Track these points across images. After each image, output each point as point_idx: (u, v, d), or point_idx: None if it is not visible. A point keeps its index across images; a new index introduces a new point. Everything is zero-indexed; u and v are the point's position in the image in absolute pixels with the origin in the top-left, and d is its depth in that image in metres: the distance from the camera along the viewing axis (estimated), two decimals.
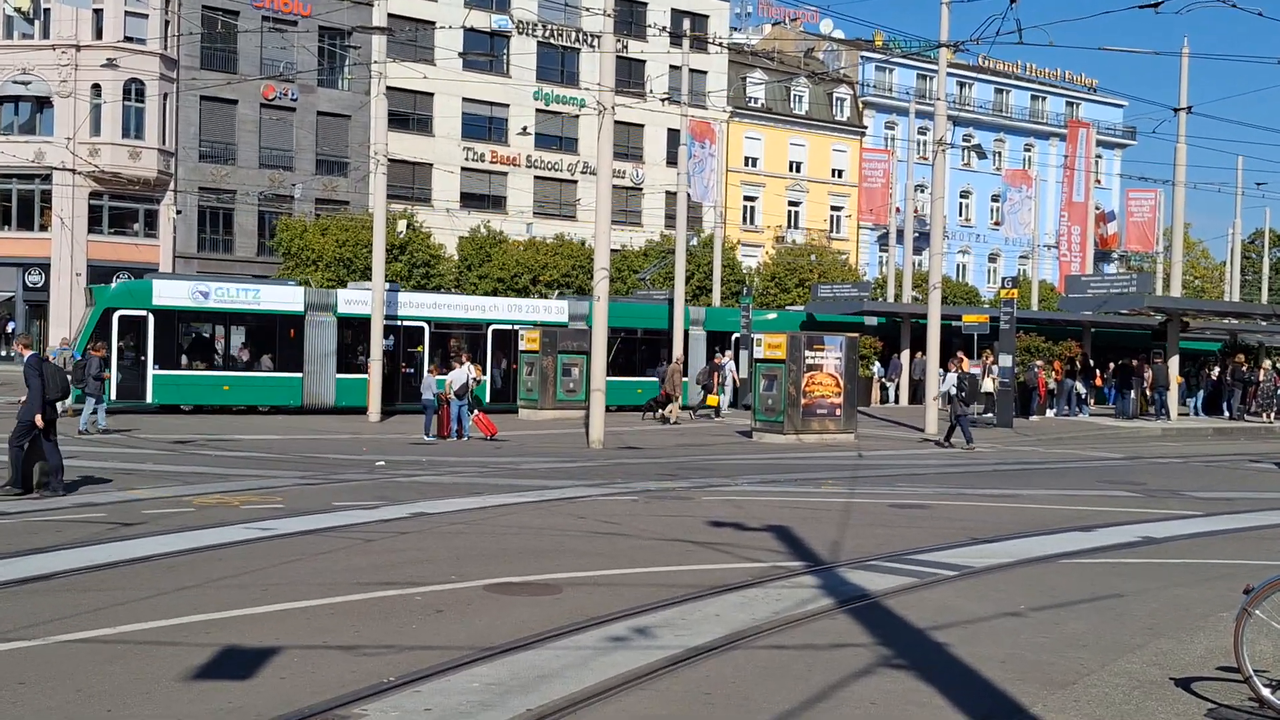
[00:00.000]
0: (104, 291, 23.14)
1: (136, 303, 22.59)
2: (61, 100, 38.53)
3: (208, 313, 23.50)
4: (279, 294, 24.12)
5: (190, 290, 23.37)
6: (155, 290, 22.93)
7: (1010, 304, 23.64)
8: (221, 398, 23.16)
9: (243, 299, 23.50)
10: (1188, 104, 25.86)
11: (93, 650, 5.75)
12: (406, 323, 25.07)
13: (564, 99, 46.65)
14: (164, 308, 22.81)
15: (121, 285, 23.62)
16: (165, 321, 22.77)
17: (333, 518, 10.09)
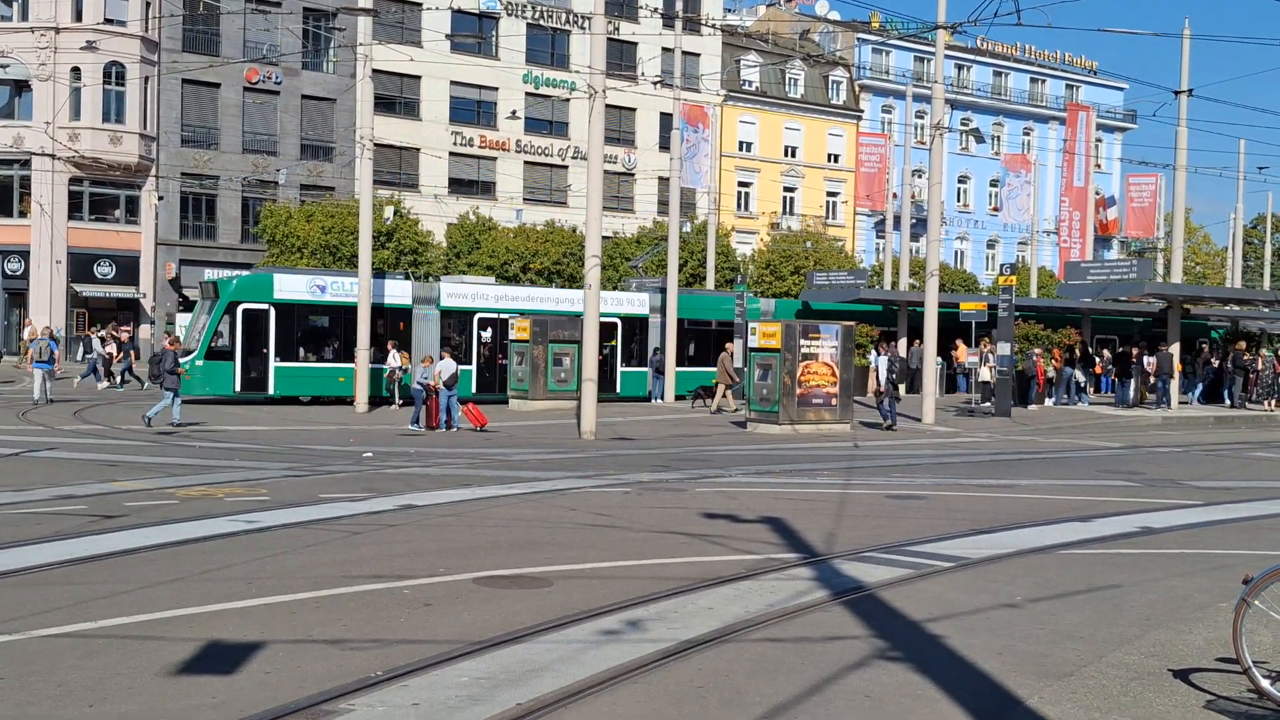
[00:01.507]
0: (227, 285, 23.44)
1: (259, 296, 23.12)
2: (40, 84, 38.11)
3: (324, 306, 23.91)
4: (389, 287, 24.71)
5: (308, 284, 23.97)
6: (276, 284, 23.46)
7: (1009, 291, 23.55)
8: (338, 389, 23.52)
9: (356, 292, 23.57)
10: (1189, 86, 25.76)
11: (74, 645, 5.65)
12: (501, 315, 25.76)
13: (554, 82, 46.36)
14: (284, 301, 23.46)
15: (243, 279, 24.05)
16: (285, 315, 23.37)
17: (319, 510, 9.97)
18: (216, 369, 22.58)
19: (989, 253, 57.83)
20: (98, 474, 12.01)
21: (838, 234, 52.35)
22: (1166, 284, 29.81)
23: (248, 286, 23.25)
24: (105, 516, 9.36)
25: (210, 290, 23.82)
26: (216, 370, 22.60)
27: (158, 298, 40.77)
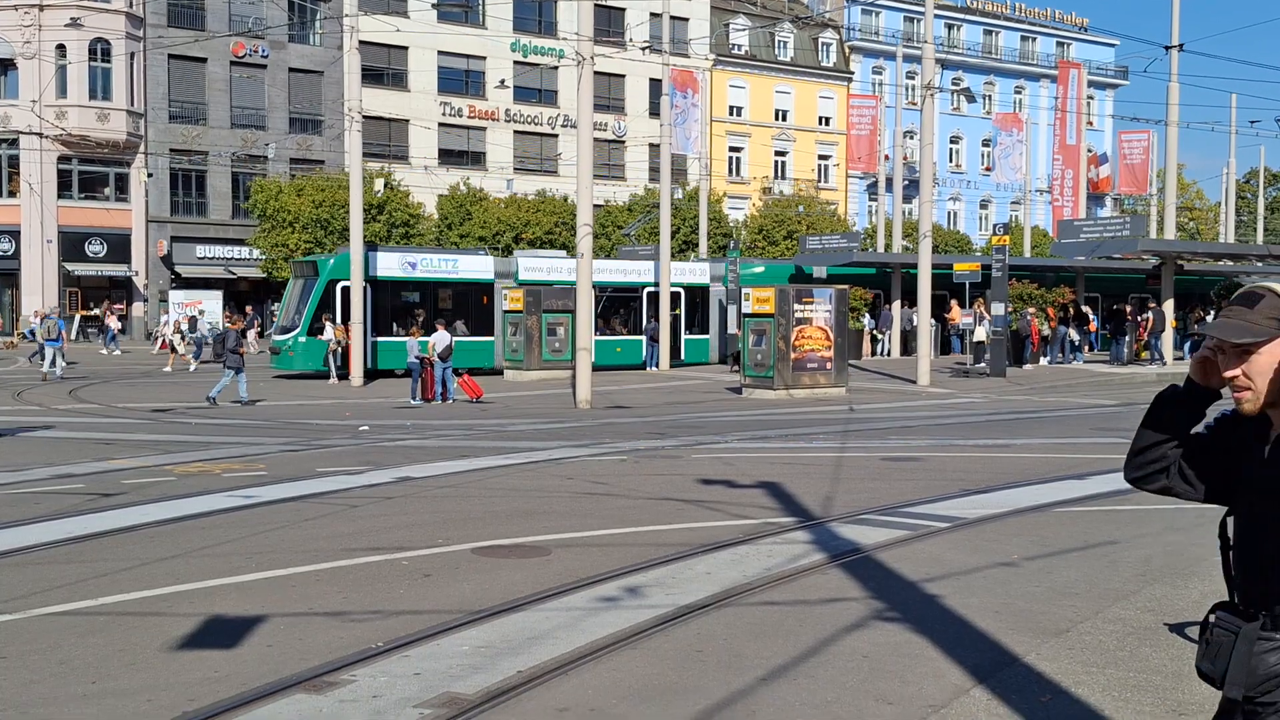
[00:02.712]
0: (325, 264, 24.06)
1: None
2: (25, 62, 37.65)
3: (415, 282, 24.74)
4: (474, 263, 25.79)
5: (401, 260, 24.83)
6: (372, 261, 23.98)
7: (1002, 251, 23.50)
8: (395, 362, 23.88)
9: (444, 268, 25.04)
10: (1180, 42, 25.57)
11: (74, 622, 5.67)
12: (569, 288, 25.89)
13: (542, 50, 45.89)
14: (380, 278, 24.17)
15: (340, 257, 24.31)
16: (380, 291, 24.08)
17: (317, 484, 9.98)
18: (317, 345, 23.17)
19: (982, 213, 57.68)
20: (95, 452, 12.00)
21: (830, 197, 52.15)
22: (1159, 240, 29.78)
23: (344, 264, 23.53)
24: (103, 494, 9.37)
25: (308, 269, 24.56)
26: (317, 346, 23.16)
27: (150, 275, 40.58)
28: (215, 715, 4.40)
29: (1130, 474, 2.41)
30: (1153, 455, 2.35)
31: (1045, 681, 4.79)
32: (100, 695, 4.65)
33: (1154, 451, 2.35)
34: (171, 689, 4.69)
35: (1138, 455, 2.38)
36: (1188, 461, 2.34)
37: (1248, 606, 2.21)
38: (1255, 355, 2.17)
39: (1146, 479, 2.38)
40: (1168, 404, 2.34)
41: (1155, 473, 2.36)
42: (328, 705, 4.51)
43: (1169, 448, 2.33)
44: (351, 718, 4.38)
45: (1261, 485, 2.21)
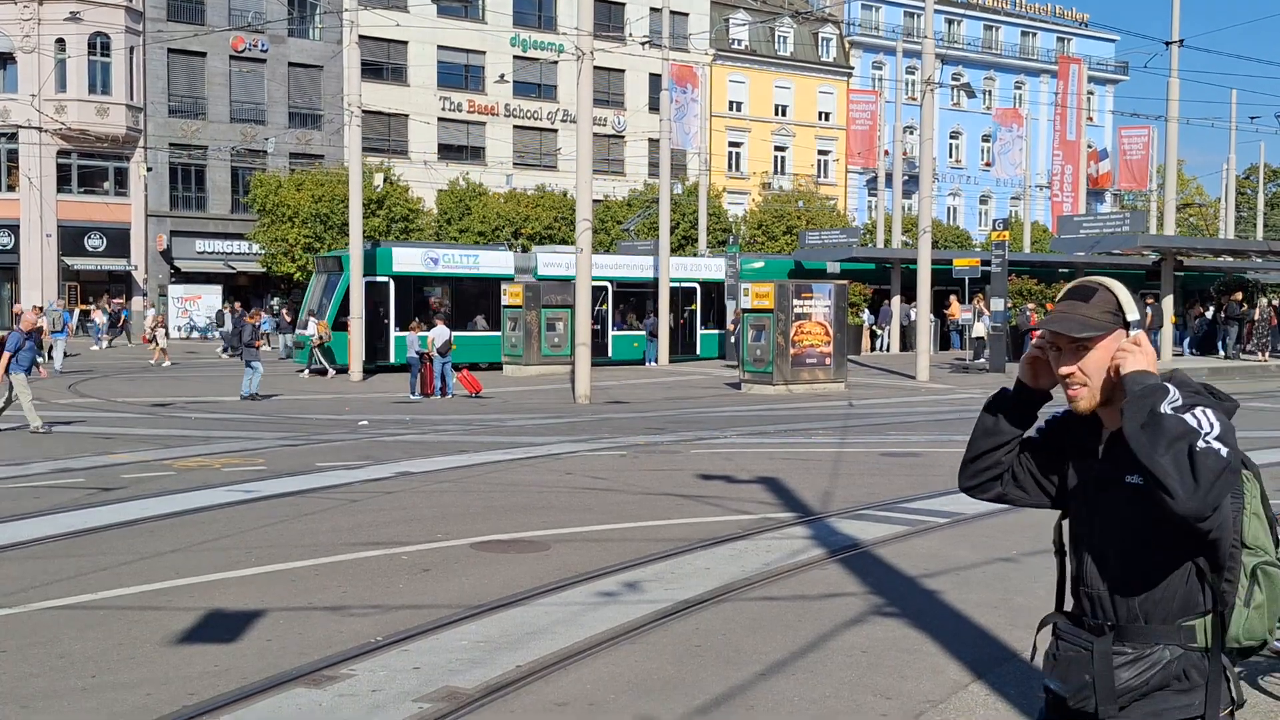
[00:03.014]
0: (349, 260, 23.93)
1: (379, 269, 23.92)
2: (25, 56, 37.59)
3: (436, 277, 24.93)
4: (494, 258, 25.93)
5: (422, 256, 25.01)
6: (395, 257, 24.36)
7: (1002, 246, 23.49)
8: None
9: (465, 264, 25.22)
10: (1180, 37, 25.54)
11: (74, 616, 5.68)
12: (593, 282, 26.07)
13: (542, 45, 45.82)
14: (402, 273, 24.38)
15: (364, 253, 24.58)
16: (403, 286, 24.24)
17: (316, 478, 9.99)
18: (342, 340, 23.27)
19: (982, 208, 57.64)
20: (94, 447, 12.00)
21: (830, 193, 52.11)
22: (1159, 236, 29.76)
23: (369, 260, 23.85)
24: (103, 489, 9.37)
25: (332, 264, 24.75)
26: (342, 341, 23.27)
27: (149, 269, 40.55)
28: (215, 709, 4.41)
29: (964, 483, 2.33)
30: (987, 462, 2.27)
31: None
32: (99, 689, 4.66)
33: (988, 459, 2.26)
34: (171, 683, 4.70)
35: (972, 463, 2.30)
36: (1022, 466, 2.27)
37: (1091, 616, 2.16)
38: (1090, 352, 2.11)
39: (981, 487, 2.30)
40: (999, 409, 2.25)
41: (990, 480, 2.28)
42: (327, 699, 4.52)
43: (1003, 454, 2.26)
44: (350, 712, 4.39)
45: (1095, 487, 2.15)
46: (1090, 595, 2.16)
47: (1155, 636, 2.08)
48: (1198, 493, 1.88)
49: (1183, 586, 2.08)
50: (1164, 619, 2.08)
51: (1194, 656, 2.07)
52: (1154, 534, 2.07)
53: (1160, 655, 2.07)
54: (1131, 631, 2.10)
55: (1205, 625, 2.08)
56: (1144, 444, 1.94)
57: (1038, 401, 2.26)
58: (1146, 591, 2.09)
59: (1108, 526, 2.13)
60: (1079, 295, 2.16)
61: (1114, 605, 2.12)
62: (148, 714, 4.36)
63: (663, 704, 4.50)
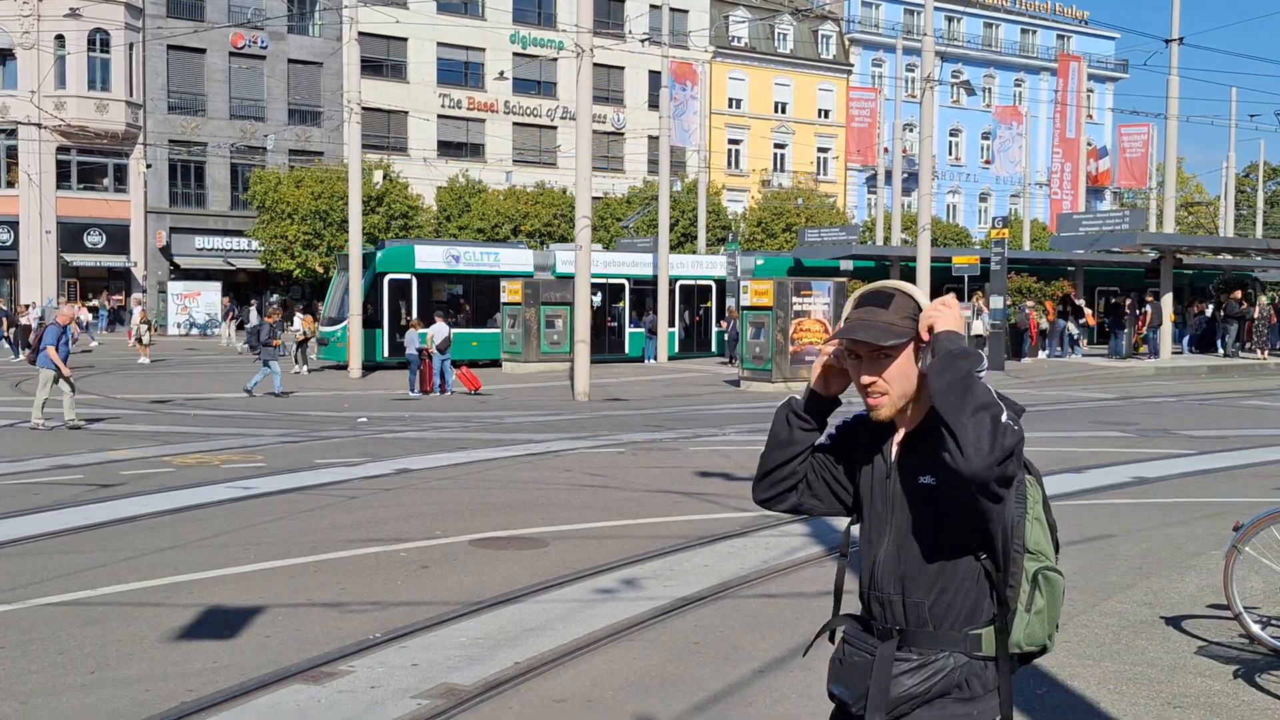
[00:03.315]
0: (372, 256, 24.42)
1: (402, 267, 24.36)
2: (24, 52, 37.56)
3: (458, 275, 25.28)
4: (514, 256, 26.35)
5: (444, 254, 25.41)
6: (417, 255, 24.73)
7: (1001, 244, 23.48)
8: (470, 353, 24.49)
9: (486, 261, 25.61)
10: (1179, 35, 25.55)
11: (73, 613, 5.68)
12: (611, 280, 27.10)
13: (541, 42, 45.78)
14: (425, 271, 24.75)
15: (388, 251, 24.89)
16: (425, 283, 24.68)
17: (315, 475, 9.99)
18: (365, 336, 23.49)
19: (981, 206, 57.62)
20: (94, 443, 12.00)
21: (829, 190, 52.09)
22: (1159, 234, 29.76)
23: (392, 258, 24.23)
24: (102, 485, 9.37)
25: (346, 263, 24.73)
26: (365, 338, 23.50)
27: (149, 266, 40.53)
28: (213, 705, 4.41)
29: (759, 495, 2.29)
30: (782, 474, 2.23)
31: (1040, 674, 4.80)
32: (98, 685, 4.66)
33: (783, 470, 2.23)
34: (170, 679, 4.71)
35: (766, 476, 2.25)
36: (816, 475, 2.24)
37: (881, 621, 2.13)
38: (892, 360, 2.07)
39: (776, 499, 2.27)
40: (791, 417, 2.21)
41: (785, 491, 2.25)
42: (326, 696, 4.52)
43: (797, 464, 2.22)
44: (349, 708, 4.39)
45: (888, 491, 2.13)
46: (880, 600, 2.13)
47: (942, 643, 2.07)
48: (990, 456, 1.87)
49: (971, 592, 2.06)
50: (951, 625, 2.07)
51: (977, 666, 2.06)
52: (943, 537, 2.06)
53: (945, 662, 2.06)
54: (919, 637, 2.08)
55: (991, 634, 2.07)
56: (951, 402, 1.92)
57: (829, 408, 2.21)
58: (935, 597, 2.07)
59: (899, 530, 2.11)
60: (877, 301, 2.11)
61: (904, 610, 2.09)
62: (146, 710, 4.36)
63: (661, 701, 4.51)
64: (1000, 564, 2.06)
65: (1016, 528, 2.05)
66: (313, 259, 37.32)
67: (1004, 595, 2.06)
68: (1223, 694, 4.56)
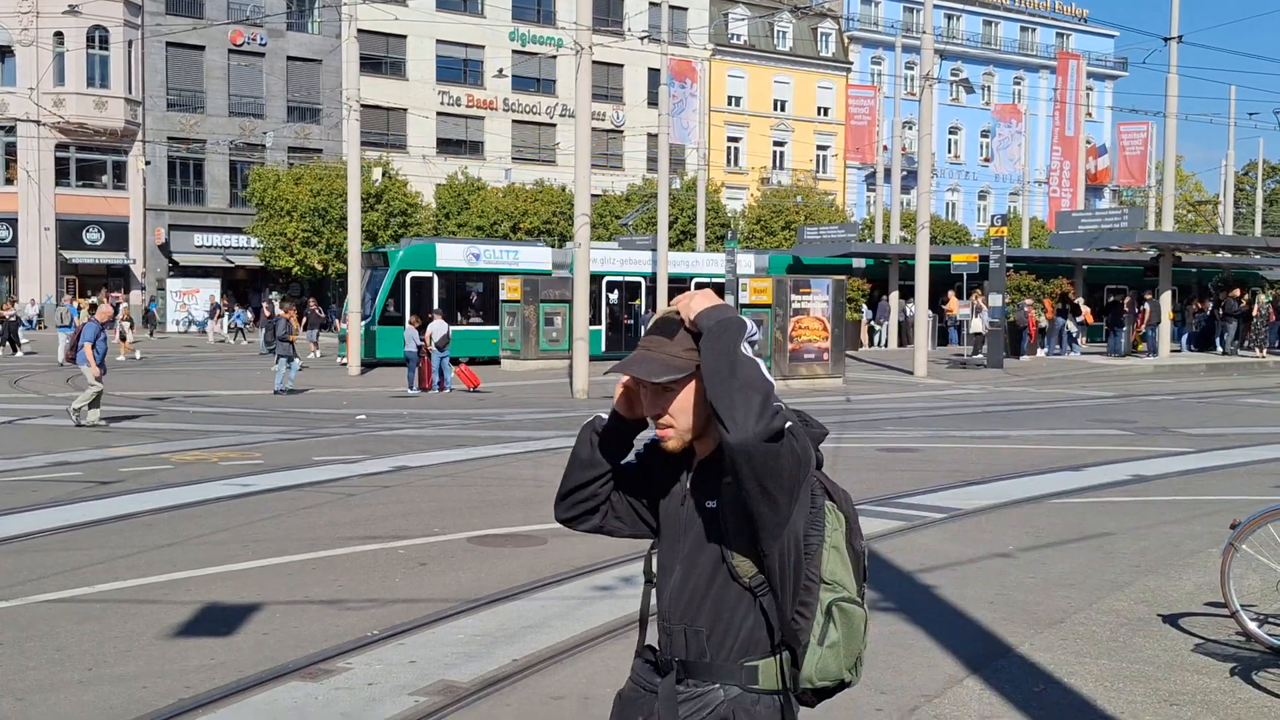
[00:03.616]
0: (395, 254, 24.89)
1: (424, 264, 24.65)
2: (23, 49, 37.52)
3: (478, 273, 25.42)
4: (533, 254, 26.69)
5: (465, 252, 25.69)
6: (439, 253, 25.05)
7: (1000, 242, 23.47)
8: (490, 350, 24.83)
9: (506, 259, 25.86)
10: (1179, 33, 25.53)
11: (71, 609, 5.68)
12: (628, 278, 27.46)
13: (540, 39, 45.75)
14: (447, 269, 25.03)
15: (410, 249, 25.12)
16: (446, 281, 25.04)
17: (313, 472, 9.99)
18: (389, 334, 23.67)
19: (980, 204, 57.62)
20: (92, 440, 12.00)
21: (828, 188, 52.08)
22: (1157, 232, 29.76)
23: (414, 256, 24.49)
24: (101, 482, 9.37)
25: (379, 259, 25.16)
26: (389, 335, 23.66)
27: (147, 264, 40.52)
28: (211, 702, 4.41)
29: (560, 515, 2.21)
30: (584, 495, 2.16)
31: (1038, 672, 4.81)
32: (96, 682, 4.66)
33: (584, 491, 2.15)
34: (167, 676, 4.70)
35: (568, 496, 2.17)
36: (620, 496, 2.17)
37: (664, 651, 2.07)
38: (673, 393, 1.99)
39: (579, 519, 2.19)
40: (594, 437, 2.14)
41: (587, 513, 2.17)
42: (323, 693, 4.52)
43: (598, 485, 2.15)
44: (346, 705, 4.39)
45: (679, 516, 2.07)
46: (667, 630, 2.06)
47: (716, 675, 2.00)
48: (755, 427, 1.80)
49: (746, 622, 1.99)
50: (727, 656, 1.99)
51: (748, 699, 1.98)
52: (721, 563, 1.99)
53: (714, 695, 1.99)
54: (697, 669, 2.01)
55: (771, 666, 1.99)
56: (723, 378, 1.85)
57: (634, 430, 2.14)
58: (711, 626, 2.00)
59: (687, 557, 2.04)
60: (663, 331, 2.03)
61: (685, 640, 2.02)
62: (144, 707, 4.37)
63: None
64: (778, 591, 1.96)
65: (813, 556, 1.96)
66: (311, 256, 37.31)
67: (788, 625, 1.97)
68: (1220, 691, 4.56)
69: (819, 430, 2.08)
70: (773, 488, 1.88)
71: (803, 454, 1.93)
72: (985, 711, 4.36)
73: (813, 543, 1.97)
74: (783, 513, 1.92)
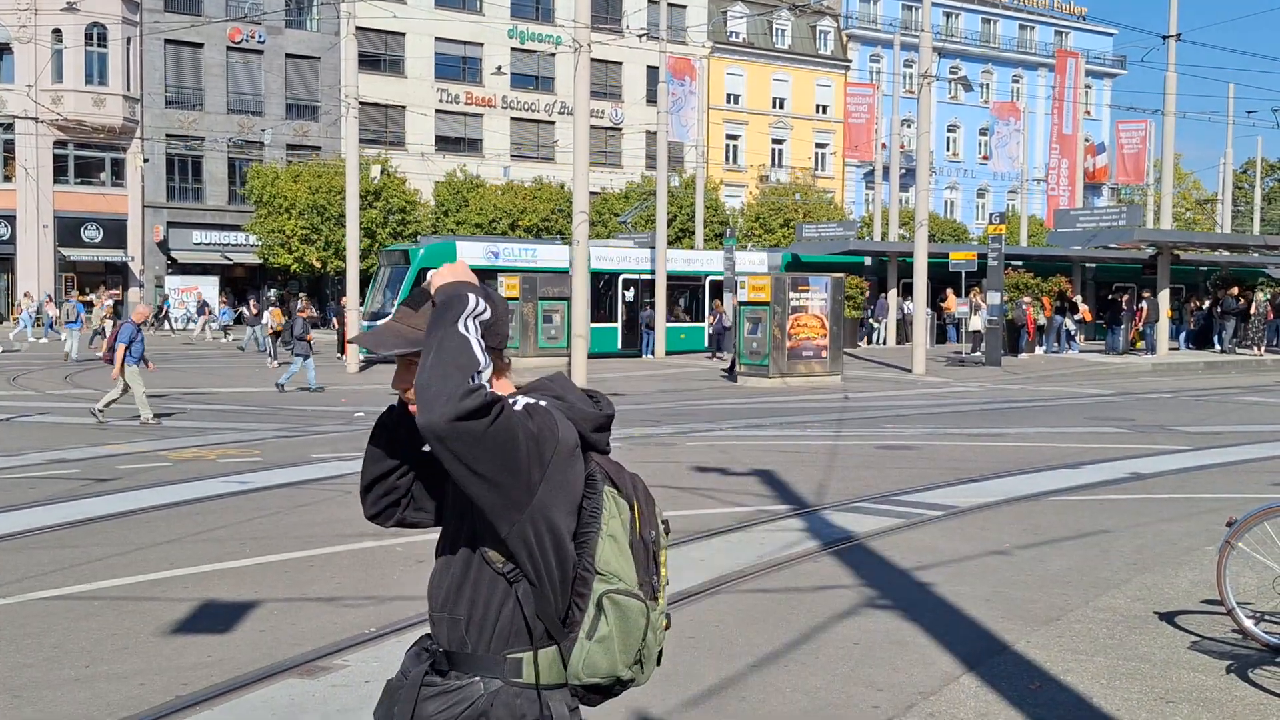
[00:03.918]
0: (415, 253, 25.19)
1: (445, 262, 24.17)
2: (21, 46, 37.47)
3: (498, 270, 25.28)
4: (550, 252, 26.89)
5: (485, 250, 25.92)
6: (459, 251, 25.07)
7: (998, 240, 23.48)
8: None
9: (524, 257, 26.25)
10: (1177, 31, 25.54)
11: (69, 606, 5.68)
12: (643, 276, 27.76)
13: (539, 37, 45.72)
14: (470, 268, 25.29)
15: (430, 247, 25.43)
16: None
17: (311, 470, 9.99)
18: None
19: (979, 202, 57.63)
20: (89, 437, 12.00)
21: (827, 185, 52.08)
22: (1156, 230, 29.78)
23: (435, 254, 24.63)
24: (98, 480, 9.37)
25: (398, 257, 25.47)
26: None
27: (146, 261, 40.49)
28: (208, 699, 4.41)
29: (367, 511, 2.10)
30: (382, 489, 2.06)
31: (1034, 669, 4.81)
32: (93, 679, 4.66)
33: (382, 485, 2.05)
34: (164, 673, 4.71)
35: (368, 492, 2.07)
36: (421, 486, 2.08)
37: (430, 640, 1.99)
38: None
39: (383, 514, 2.08)
40: (385, 428, 2.04)
41: (389, 507, 2.07)
42: (320, 689, 4.53)
43: (396, 477, 2.05)
44: (344, 702, 4.39)
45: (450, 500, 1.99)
46: (433, 618, 1.98)
47: (478, 667, 1.90)
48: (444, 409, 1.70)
49: (504, 612, 1.89)
50: (488, 647, 1.90)
51: (508, 694, 1.88)
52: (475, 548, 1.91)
53: (474, 689, 1.89)
54: (459, 659, 1.92)
55: (534, 659, 1.89)
56: (426, 355, 1.78)
57: None
58: (469, 613, 1.91)
59: (450, 540, 1.97)
60: (412, 303, 1.96)
61: (445, 629, 1.94)
62: (141, 704, 4.37)
63: (656, 695, 4.51)
64: (533, 578, 1.86)
65: (588, 545, 1.87)
66: (310, 253, 37.28)
67: (550, 617, 1.87)
68: (1216, 689, 4.57)
69: (594, 412, 1.98)
70: (485, 469, 1.76)
71: (539, 432, 1.82)
72: (981, 709, 4.37)
73: (588, 531, 1.88)
74: (509, 495, 1.80)
